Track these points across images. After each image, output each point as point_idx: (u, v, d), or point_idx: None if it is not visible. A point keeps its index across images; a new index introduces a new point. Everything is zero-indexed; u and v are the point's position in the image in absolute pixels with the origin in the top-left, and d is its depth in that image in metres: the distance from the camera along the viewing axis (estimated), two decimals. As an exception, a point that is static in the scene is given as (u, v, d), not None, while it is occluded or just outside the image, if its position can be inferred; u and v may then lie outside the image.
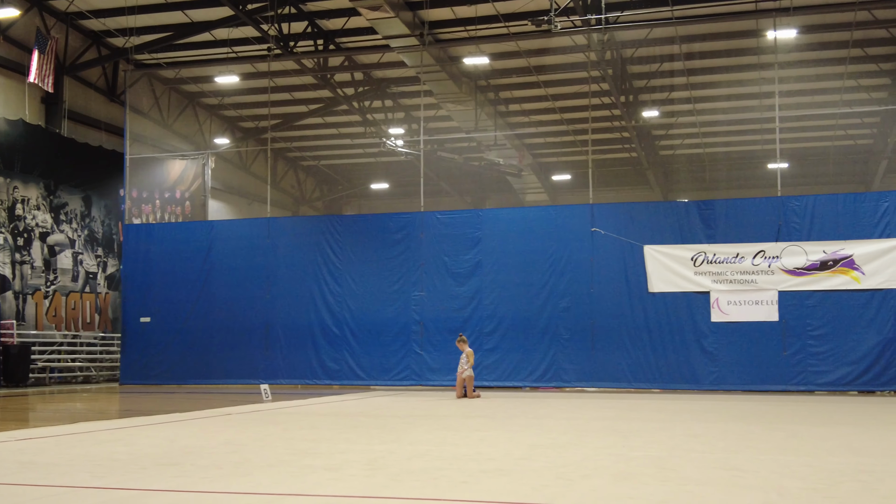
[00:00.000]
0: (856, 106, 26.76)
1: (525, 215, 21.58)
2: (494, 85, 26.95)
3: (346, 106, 28.55)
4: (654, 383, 19.19)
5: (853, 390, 18.20)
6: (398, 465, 6.85)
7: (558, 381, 19.70)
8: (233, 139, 31.93)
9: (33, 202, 22.94)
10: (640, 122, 27.95)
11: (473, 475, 6.29)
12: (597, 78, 24.21)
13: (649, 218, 19.82)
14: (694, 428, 10.20)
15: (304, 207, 37.84)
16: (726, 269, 18.91)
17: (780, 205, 18.90)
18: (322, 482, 6.00)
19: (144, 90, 27.03)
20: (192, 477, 6.23)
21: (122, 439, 8.85)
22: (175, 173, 28.31)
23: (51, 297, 23.44)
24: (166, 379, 22.05)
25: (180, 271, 22.39)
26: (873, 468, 6.71)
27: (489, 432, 9.62)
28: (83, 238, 24.75)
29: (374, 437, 8.98)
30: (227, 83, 26.31)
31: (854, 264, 18.20)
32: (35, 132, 22.99)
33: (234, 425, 10.53)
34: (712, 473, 6.40)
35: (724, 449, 8.02)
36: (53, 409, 14.60)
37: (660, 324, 19.25)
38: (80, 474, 6.35)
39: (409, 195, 30.67)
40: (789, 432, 9.72)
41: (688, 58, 24.03)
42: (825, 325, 18.33)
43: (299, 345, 21.38)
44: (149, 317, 22.39)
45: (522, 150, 31.45)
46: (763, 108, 25.60)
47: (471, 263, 20.51)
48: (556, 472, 6.42)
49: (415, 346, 20.58)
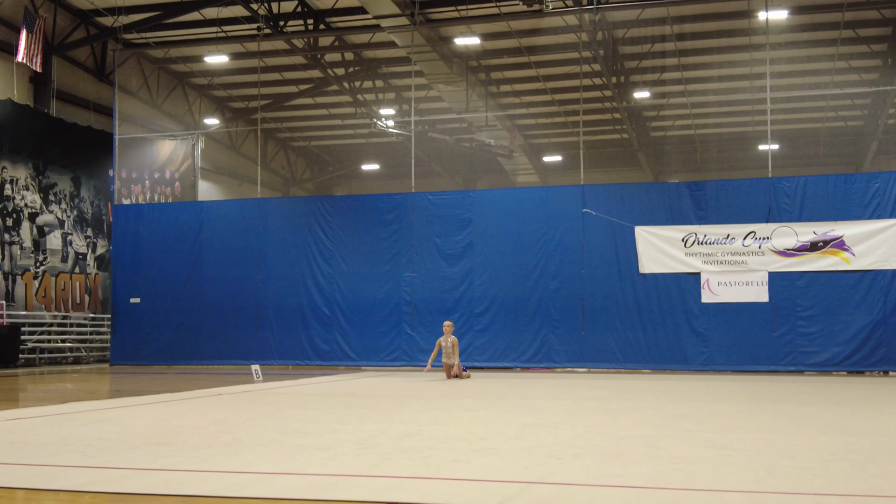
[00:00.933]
0: (847, 87, 26.76)
1: (516, 196, 21.57)
2: (485, 65, 26.86)
3: (337, 86, 28.42)
4: (644, 364, 19.25)
5: (843, 371, 18.29)
6: (389, 444, 6.85)
7: (549, 361, 19.75)
8: (222, 119, 31.78)
9: (22, 182, 22.80)
10: (631, 103, 27.92)
11: (465, 454, 6.30)
12: (588, 59, 24.14)
13: (640, 199, 19.82)
14: (684, 408, 10.23)
15: (295, 188, 37.73)
16: (717, 250, 18.94)
17: (770, 186, 18.91)
18: (313, 461, 6.00)
19: (133, 70, 26.85)
20: (182, 456, 6.22)
21: (113, 419, 8.83)
22: (164, 154, 28.17)
23: (40, 277, 23.35)
24: (156, 360, 22.03)
25: (170, 252, 22.33)
26: (863, 447, 6.74)
27: (480, 412, 9.64)
28: (72, 219, 24.64)
29: (366, 417, 8.99)
30: (216, 63, 26.14)
31: (844, 245, 18.24)
32: (23, 112, 22.83)
33: (224, 405, 10.52)
34: (702, 452, 6.42)
35: (714, 428, 8.05)
36: (43, 390, 14.57)
37: (650, 304, 19.29)
38: (70, 454, 6.34)
39: (399, 176, 30.59)
40: (779, 412, 9.76)
41: (679, 39, 23.98)
42: (815, 305, 18.40)
43: (290, 326, 21.37)
44: (139, 297, 22.33)
45: (513, 131, 31.38)
46: (754, 89, 25.57)
47: (462, 244, 20.49)
48: (547, 452, 6.43)
49: (405, 326, 20.58)
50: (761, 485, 5.14)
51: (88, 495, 4.97)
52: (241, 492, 4.97)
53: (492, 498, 4.78)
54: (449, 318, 17.71)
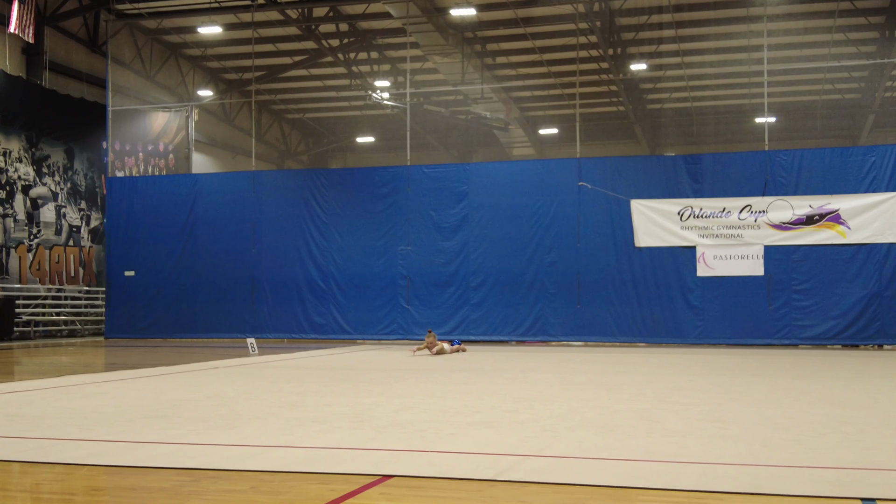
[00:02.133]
0: (844, 60, 26.65)
1: (512, 169, 21.52)
2: (481, 37, 26.68)
3: (332, 58, 28.24)
4: (639, 337, 19.31)
5: (837, 344, 18.37)
6: (385, 417, 6.87)
7: (544, 335, 19.80)
8: (216, 91, 31.59)
9: (15, 155, 22.69)
10: (627, 75, 27.79)
11: (461, 427, 6.32)
12: (584, 30, 23.99)
13: (636, 172, 19.80)
14: (678, 381, 10.28)
15: (290, 161, 37.59)
16: (712, 223, 18.94)
17: (766, 159, 18.89)
18: (310, 434, 6.02)
19: (126, 41, 26.61)
20: (179, 429, 6.24)
21: (109, 392, 8.84)
22: (158, 126, 28.02)
23: (34, 250, 23.30)
24: (152, 333, 22.03)
25: (164, 225, 22.27)
26: (856, 420, 6.78)
27: (476, 385, 9.67)
28: (66, 191, 24.55)
29: (361, 391, 9.01)
30: (210, 34, 25.92)
31: (840, 219, 18.26)
32: (16, 83, 22.67)
33: (220, 379, 10.54)
34: (697, 425, 6.45)
35: (709, 401, 8.08)
36: (39, 363, 14.58)
37: (646, 278, 19.32)
38: (67, 427, 6.35)
39: (395, 149, 30.51)
40: (773, 385, 9.80)
41: (676, 10, 23.83)
42: (810, 279, 18.44)
43: (285, 299, 21.37)
44: (133, 271, 22.30)
45: (509, 104, 31.25)
46: (751, 61, 25.47)
47: (457, 218, 20.47)
48: (543, 425, 6.45)
49: (401, 300, 20.60)
50: (755, 457, 5.17)
51: (86, 468, 4.98)
52: (238, 464, 4.99)
53: (487, 471, 4.80)
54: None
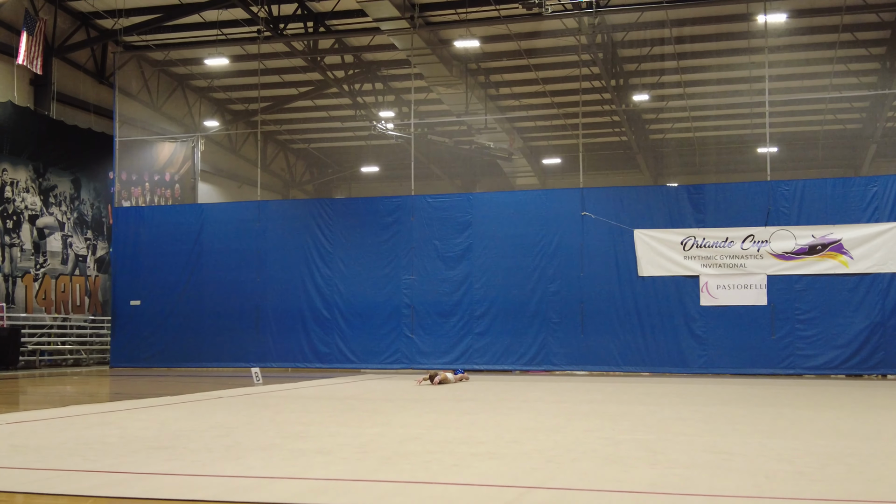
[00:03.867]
0: (845, 90, 26.79)
1: (515, 199, 21.58)
2: (485, 68, 26.89)
3: (337, 89, 28.45)
4: (643, 367, 19.28)
5: (841, 374, 18.33)
6: (389, 448, 6.88)
7: (548, 364, 19.78)
8: (222, 122, 31.81)
9: (22, 185, 22.83)
10: (630, 106, 27.95)
11: (464, 458, 6.33)
12: (587, 61, 24.17)
13: (639, 202, 19.85)
14: (682, 411, 10.27)
15: (294, 191, 37.75)
16: (716, 253, 18.98)
17: (769, 189, 18.95)
18: (313, 465, 6.03)
19: (133, 72, 26.88)
20: (183, 460, 6.26)
21: (114, 423, 8.86)
22: (164, 156, 28.20)
23: (40, 279, 23.37)
24: (156, 362, 22.05)
25: (170, 254, 22.35)
26: (860, 451, 6.78)
27: (479, 416, 9.67)
28: (73, 221, 24.67)
29: (365, 421, 9.02)
30: (216, 65, 26.17)
31: (843, 249, 18.28)
32: (24, 114, 22.87)
33: (224, 408, 10.55)
34: (700, 457, 6.46)
35: (713, 432, 8.08)
36: (44, 393, 14.60)
37: (649, 307, 19.32)
38: (72, 458, 6.37)
39: (399, 178, 30.63)
40: (777, 415, 9.79)
41: (678, 42, 24.02)
42: (813, 309, 18.43)
43: (290, 328, 21.40)
44: (139, 300, 22.36)
45: (513, 134, 31.42)
46: (753, 92, 25.63)
47: (461, 247, 20.53)
48: (546, 456, 6.46)
49: (405, 329, 20.61)
50: (760, 490, 5.18)
51: (91, 500, 5.00)
52: (242, 496, 5.01)
53: (491, 502, 4.81)
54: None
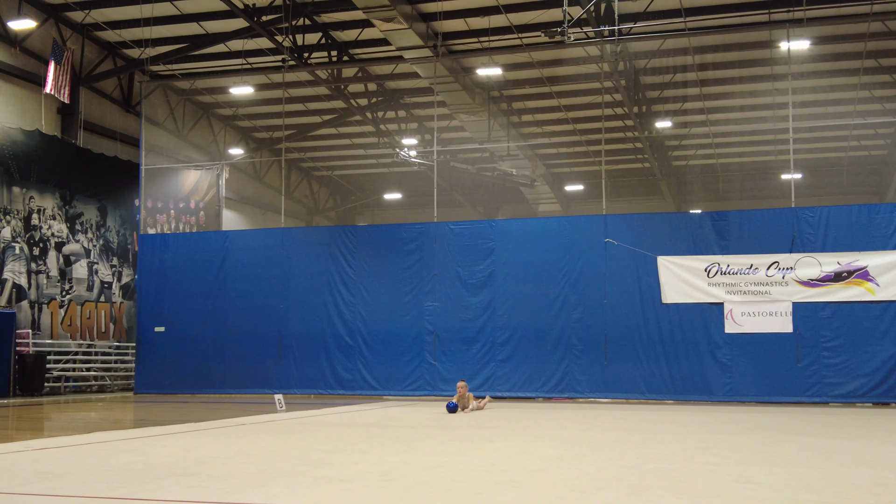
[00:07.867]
0: (869, 117, 26.68)
1: (538, 226, 21.58)
2: (507, 96, 27.01)
3: (360, 116, 28.66)
4: (667, 394, 19.14)
5: (867, 402, 18.11)
6: (412, 476, 6.87)
7: (571, 391, 19.68)
8: (247, 149, 32.08)
9: (49, 212, 23.09)
10: (653, 132, 27.94)
11: (488, 487, 6.31)
12: (610, 89, 24.23)
13: (662, 229, 19.80)
14: (708, 440, 10.18)
15: (318, 218, 37.95)
16: (740, 280, 18.87)
17: (793, 216, 18.86)
18: (337, 493, 6.03)
19: (159, 101, 27.22)
20: (207, 487, 6.27)
21: (138, 449, 8.90)
22: (189, 184, 28.46)
23: (66, 306, 23.57)
24: (180, 388, 22.14)
25: (195, 281, 22.51)
26: (887, 481, 6.70)
27: (503, 443, 9.63)
28: (98, 248, 24.90)
29: (388, 448, 9.01)
30: (241, 94, 26.45)
31: (868, 276, 18.13)
32: (51, 142, 23.18)
33: (248, 435, 10.57)
34: (726, 486, 6.40)
35: (738, 461, 8.01)
36: (69, 419, 14.68)
37: (673, 335, 19.21)
38: (97, 484, 6.40)
39: (422, 205, 30.70)
40: (803, 444, 9.69)
41: (701, 69, 24.03)
42: (839, 336, 18.26)
43: (312, 355, 21.44)
44: (163, 326, 22.49)
45: (535, 161, 31.47)
46: (777, 118, 25.55)
47: (484, 274, 20.53)
48: (570, 485, 6.43)
49: (428, 356, 20.60)
50: (785, 520, 5.12)
51: (116, 526, 5.02)
52: (266, 524, 5.01)
53: (515, 532, 4.79)
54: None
